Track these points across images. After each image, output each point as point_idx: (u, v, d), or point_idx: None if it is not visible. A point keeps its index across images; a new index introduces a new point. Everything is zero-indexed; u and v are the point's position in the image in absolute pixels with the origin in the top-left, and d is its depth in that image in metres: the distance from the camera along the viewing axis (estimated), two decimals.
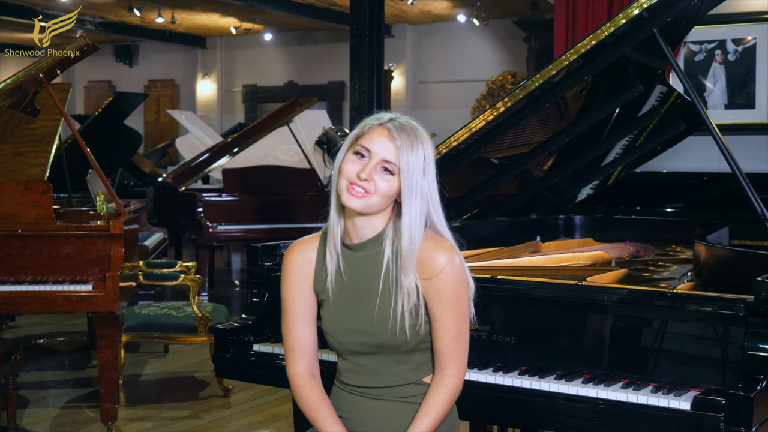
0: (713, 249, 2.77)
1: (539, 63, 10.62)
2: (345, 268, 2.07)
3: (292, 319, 2.11)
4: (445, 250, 2.02)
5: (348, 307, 2.06)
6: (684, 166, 6.32)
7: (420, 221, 2.00)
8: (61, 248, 3.97)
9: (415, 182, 1.98)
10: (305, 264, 2.11)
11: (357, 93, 7.54)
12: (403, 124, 2.01)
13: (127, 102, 8.78)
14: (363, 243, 2.06)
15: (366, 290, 2.05)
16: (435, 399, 2.03)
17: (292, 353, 2.11)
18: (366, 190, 1.97)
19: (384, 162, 1.98)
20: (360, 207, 1.99)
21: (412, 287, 2.00)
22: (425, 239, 2.03)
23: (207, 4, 12.02)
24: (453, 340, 2.02)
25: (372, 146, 1.99)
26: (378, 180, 1.98)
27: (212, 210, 7.52)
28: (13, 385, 4.02)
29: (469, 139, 3.17)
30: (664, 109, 3.49)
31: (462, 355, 2.04)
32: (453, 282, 2.01)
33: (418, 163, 1.99)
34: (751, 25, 6.68)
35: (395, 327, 2.01)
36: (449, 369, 2.03)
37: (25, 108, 4.64)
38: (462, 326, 2.03)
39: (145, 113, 15.59)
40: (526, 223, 3.89)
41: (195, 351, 5.79)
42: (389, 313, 2.01)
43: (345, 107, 13.52)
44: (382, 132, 2.00)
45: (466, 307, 2.05)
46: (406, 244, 1.99)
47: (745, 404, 2.00)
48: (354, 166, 1.99)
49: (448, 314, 2.01)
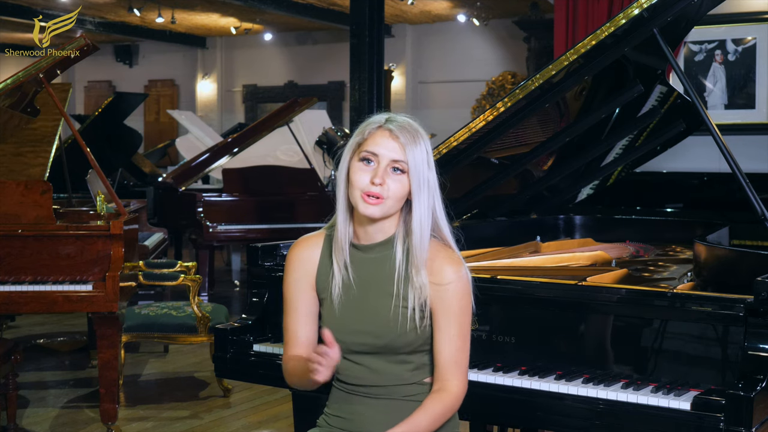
0: (713, 249, 2.77)
1: (539, 63, 10.62)
2: (351, 269, 2.07)
3: (290, 313, 2.14)
4: (454, 262, 2.03)
5: (352, 307, 2.07)
6: (684, 166, 6.32)
7: (428, 215, 2.02)
8: (61, 248, 3.97)
9: (423, 176, 2.00)
10: (308, 261, 2.13)
11: (357, 93, 7.53)
12: (401, 122, 2.03)
13: (127, 102, 8.77)
14: (373, 245, 2.07)
15: (374, 291, 2.06)
16: (429, 404, 2.02)
17: (288, 344, 2.15)
18: (381, 195, 1.98)
19: (393, 162, 1.99)
20: (379, 214, 2.00)
21: (424, 282, 2.01)
22: (433, 244, 2.04)
23: (207, 4, 12.01)
24: (456, 353, 2.02)
25: (378, 149, 2.00)
26: (390, 182, 1.99)
27: (212, 210, 7.52)
28: (13, 385, 4.02)
29: (469, 139, 3.17)
30: (664, 109, 3.49)
31: (463, 369, 2.04)
32: (460, 295, 2.03)
33: (423, 156, 2.01)
34: (751, 25, 6.68)
35: (404, 328, 2.02)
36: (451, 381, 2.03)
37: (25, 108, 4.64)
38: (464, 340, 2.04)
39: (145, 113, 15.59)
40: (526, 223, 3.89)
41: (195, 351, 5.78)
42: (399, 313, 2.02)
43: (345, 107, 13.52)
44: (384, 134, 2.01)
45: (469, 321, 2.06)
46: (417, 240, 2.01)
47: (745, 404, 2.00)
48: (365, 175, 2.00)
49: (453, 325, 2.02)
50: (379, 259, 2.06)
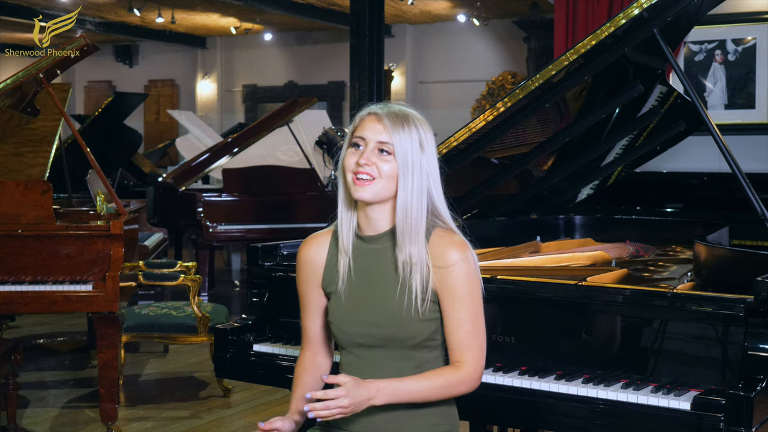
0: (713, 249, 2.77)
1: (539, 63, 10.63)
2: (356, 260, 2.09)
3: (303, 310, 2.22)
4: (458, 245, 2.04)
5: (356, 299, 2.08)
6: (684, 166, 6.32)
7: (418, 197, 2.02)
8: (61, 248, 3.97)
9: (411, 158, 2.01)
10: (315, 259, 2.17)
11: (357, 93, 7.54)
12: (392, 108, 2.06)
13: (127, 102, 8.78)
14: (377, 236, 2.09)
15: (377, 282, 2.07)
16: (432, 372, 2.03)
17: (303, 340, 2.24)
18: (370, 175, 2.01)
19: (379, 144, 2.02)
20: (369, 196, 2.02)
21: (407, 260, 2.01)
22: (438, 232, 2.06)
23: (207, 4, 12.01)
24: (466, 337, 2.02)
25: (365, 133, 2.04)
26: (379, 163, 2.01)
27: (212, 210, 7.52)
28: (13, 385, 4.02)
29: (469, 139, 3.17)
30: (664, 109, 3.49)
31: (476, 353, 2.03)
32: (465, 277, 2.02)
33: (412, 140, 2.02)
34: (751, 25, 6.68)
35: (408, 317, 2.03)
36: (461, 363, 2.02)
37: (25, 108, 4.64)
38: (476, 324, 2.03)
39: (145, 113, 15.59)
40: (526, 223, 3.89)
41: (195, 351, 5.79)
42: (403, 302, 2.03)
43: (345, 107, 13.52)
44: (371, 118, 2.05)
45: (480, 304, 2.05)
46: (400, 218, 2.02)
47: (745, 404, 2.00)
48: (353, 157, 2.04)
49: (460, 309, 2.02)
50: (383, 249, 2.08)
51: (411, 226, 2.02)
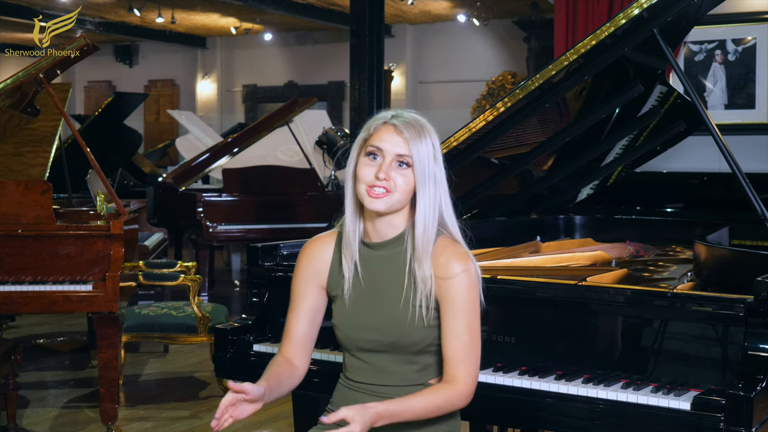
0: (713, 249, 2.77)
1: (539, 63, 10.62)
2: (362, 266, 2.08)
3: (292, 309, 2.17)
4: (461, 257, 2.03)
5: (361, 304, 2.08)
6: (684, 166, 6.33)
7: (433, 209, 2.03)
8: (61, 248, 3.97)
9: (428, 170, 2.01)
10: (319, 262, 2.15)
11: (357, 93, 7.53)
12: (407, 118, 2.04)
13: (127, 102, 8.78)
14: (383, 242, 2.08)
15: (383, 288, 2.07)
16: (428, 391, 2.00)
17: (283, 338, 2.17)
18: (387, 189, 2.00)
19: (398, 157, 2.01)
20: (383, 208, 2.01)
21: (426, 276, 2.01)
22: (442, 241, 2.05)
23: (207, 4, 12.01)
24: (462, 349, 2.00)
25: (383, 144, 2.01)
26: (395, 176, 2.00)
27: (212, 210, 7.52)
28: (13, 385, 4.02)
29: (469, 140, 3.16)
30: (664, 109, 3.49)
31: (471, 366, 2.02)
32: (466, 289, 2.02)
33: (429, 151, 2.02)
34: (751, 25, 6.68)
35: (412, 324, 2.02)
36: (456, 377, 2.00)
37: (25, 108, 4.64)
38: (472, 336, 2.02)
39: (145, 113, 15.59)
40: (526, 223, 3.89)
41: (195, 351, 5.78)
42: (407, 310, 2.02)
43: (345, 107, 13.51)
44: (389, 129, 2.03)
45: (478, 317, 2.05)
46: (420, 232, 2.02)
47: (745, 404, 2.00)
48: (370, 169, 2.01)
49: (458, 320, 2.01)
50: (389, 256, 2.08)
51: (427, 241, 2.02)
